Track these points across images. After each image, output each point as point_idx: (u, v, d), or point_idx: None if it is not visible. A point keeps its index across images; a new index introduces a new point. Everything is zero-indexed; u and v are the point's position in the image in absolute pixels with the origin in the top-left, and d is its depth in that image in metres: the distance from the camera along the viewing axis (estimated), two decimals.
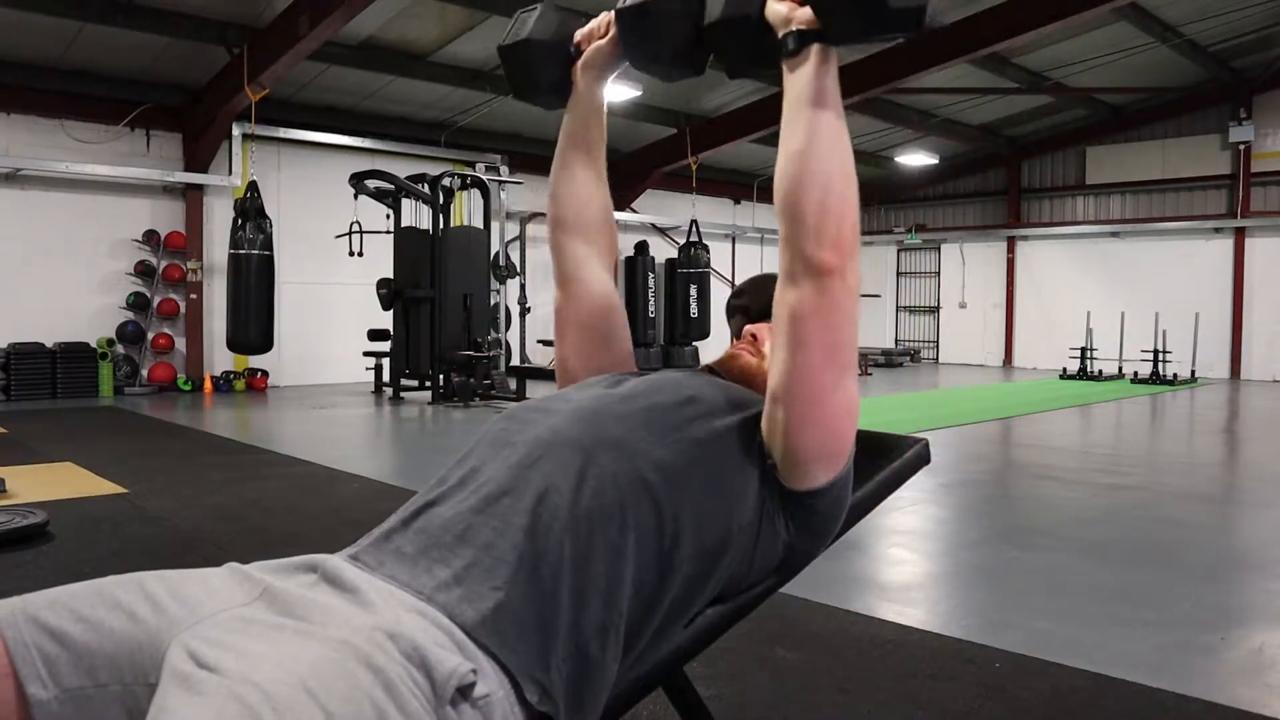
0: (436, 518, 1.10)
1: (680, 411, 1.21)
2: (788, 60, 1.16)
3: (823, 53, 1.14)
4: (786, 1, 1.17)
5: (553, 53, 1.44)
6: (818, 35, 1.14)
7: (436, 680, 0.90)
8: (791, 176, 1.13)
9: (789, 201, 1.13)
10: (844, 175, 1.13)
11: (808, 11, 1.15)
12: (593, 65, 1.45)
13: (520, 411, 1.26)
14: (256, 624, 0.96)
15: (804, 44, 1.14)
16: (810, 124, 1.13)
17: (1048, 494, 5.24)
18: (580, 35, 1.46)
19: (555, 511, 1.06)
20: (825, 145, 1.12)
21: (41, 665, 0.95)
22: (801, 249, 1.12)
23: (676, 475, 1.13)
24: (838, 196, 1.12)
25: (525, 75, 1.46)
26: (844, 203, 1.12)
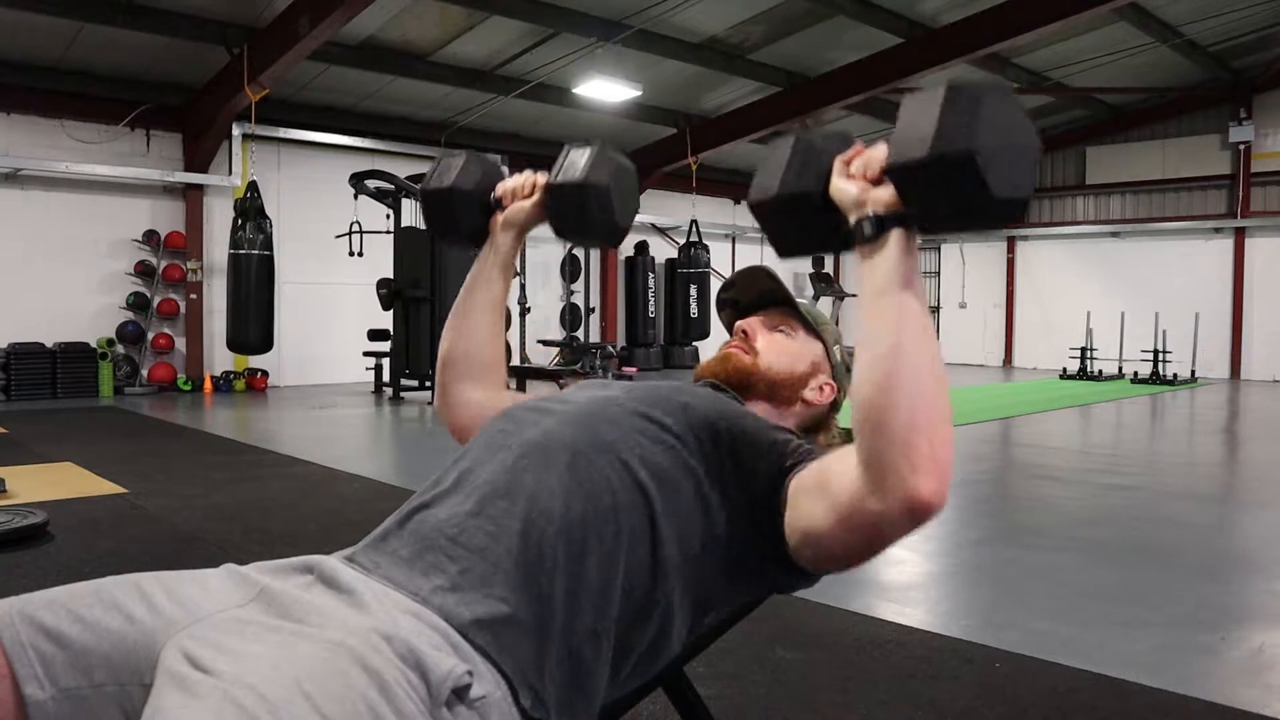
0: (431, 520, 1.10)
1: (676, 419, 1.19)
2: (863, 246, 1.00)
3: (905, 239, 0.98)
4: (858, 181, 1.02)
5: (474, 202, 1.49)
6: (900, 220, 0.98)
7: (432, 682, 0.90)
8: (876, 383, 0.96)
9: (873, 411, 0.96)
10: (936, 381, 0.97)
11: (887, 193, 0.99)
12: (513, 223, 1.47)
13: (515, 412, 1.26)
14: (252, 625, 0.96)
15: (883, 230, 0.99)
16: (896, 322, 0.97)
17: (1048, 494, 5.24)
18: (502, 190, 1.49)
19: (549, 515, 1.06)
20: (913, 346, 0.96)
21: (38, 665, 0.95)
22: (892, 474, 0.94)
23: (669, 481, 1.12)
24: (928, 407, 0.95)
25: (445, 220, 1.51)
26: (937, 415, 0.96)
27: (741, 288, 1.52)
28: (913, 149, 0.93)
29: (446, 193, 1.48)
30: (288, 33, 8.91)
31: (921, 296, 0.99)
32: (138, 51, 9.87)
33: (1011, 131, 0.92)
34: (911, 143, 0.94)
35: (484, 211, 1.50)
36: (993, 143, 0.90)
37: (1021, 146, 0.93)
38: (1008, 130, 0.92)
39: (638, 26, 10.28)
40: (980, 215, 0.93)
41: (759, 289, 1.51)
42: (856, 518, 1.00)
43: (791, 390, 1.40)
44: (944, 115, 0.91)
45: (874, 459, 0.96)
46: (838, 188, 1.03)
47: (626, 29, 10.26)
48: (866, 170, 1.01)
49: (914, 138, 0.93)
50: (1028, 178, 0.93)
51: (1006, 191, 0.91)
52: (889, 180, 0.98)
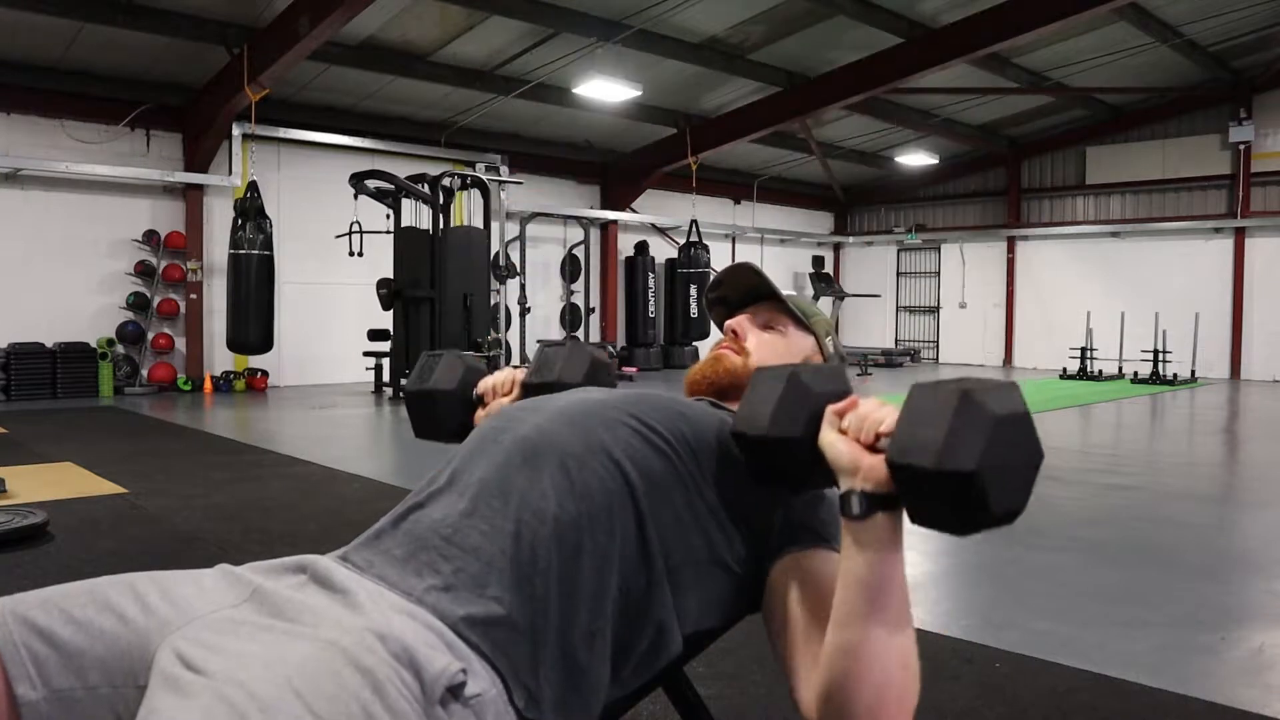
0: (425, 519, 1.10)
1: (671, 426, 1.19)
2: (848, 521, 0.98)
3: (892, 522, 0.96)
4: (850, 441, 0.99)
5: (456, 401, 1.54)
6: (891, 502, 0.95)
7: (426, 680, 0.90)
8: (840, 672, 0.97)
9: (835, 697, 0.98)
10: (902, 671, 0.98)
11: (879, 469, 0.95)
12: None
13: (510, 410, 1.26)
14: (245, 625, 0.96)
15: (872, 509, 0.96)
16: (868, 616, 0.96)
17: (1048, 494, 5.24)
18: (483, 387, 1.54)
19: (541, 515, 1.05)
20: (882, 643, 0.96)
21: (31, 665, 0.95)
22: None
23: (661, 484, 1.12)
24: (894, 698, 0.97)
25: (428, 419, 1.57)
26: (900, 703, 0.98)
27: (729, 285, 1.52)
28: (917, 453, 0.91)
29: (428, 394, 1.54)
30: (288, 33, 8.91)
31: (901, 589, 0.98)
32: (138, 51, 9.87)
33: (1018, 448, 0.91)
34: (916, 446, 0.91)
35: (466, 409, 1.55)
36: (998, 462, 0.89)
37: (1025, 463, 0.92)
38: (1014, 448, 0.91)
39: (638, 26, 10.28)
40: (973, 526, 0.92)
41: (746, 285, 1.50)
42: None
43: None
44: (953, 427, 0.89)
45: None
46: (828, 441, 1.01)
47: (626, 29, 10.26)
48: (861, 433, 0.99)
49: (919, 442, 0.91)
50: (1026, 492, 0.93)
51: (1004, 508, 0.90)
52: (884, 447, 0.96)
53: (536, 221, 13.92)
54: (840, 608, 1.00)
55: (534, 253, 14.03)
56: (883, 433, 0.97)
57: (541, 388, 1.43)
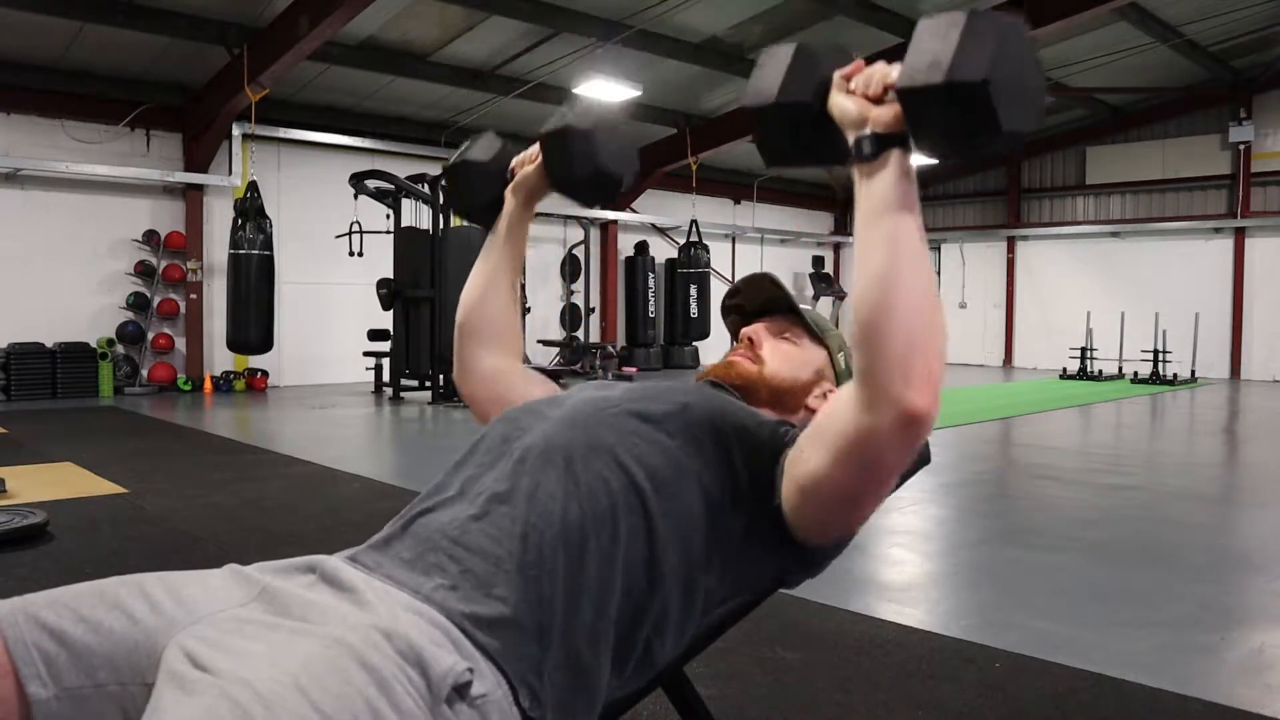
0: (434, 523, 1.11)
1: (673, 420, 1.20)
2: (860, 165, 1.00)
3: (903, 159, 0.99)
4: (858, 97, 1.01)
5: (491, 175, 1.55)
6: (900, 140, 0.99)
7: (432, 679, 0.90)
8: (873, 303, 0.98)
9: (871, 331, 0.98)
10: (931, 301, 0.99)
11: (887, 113, 0.98)
12: (520, 188, 1.51)
13: (515, 415, 1.27)
14: (252, 624, 0.97)
15: (883, 149, 0.99)
16: (893, 242, 0.98)
17: (1048, 494, 5.24)
18: (515, 161, 1.54)
19: (548, 518, 1.06)
20: (910, 267, 0.97)
21: (41, 664, 0.96)
22: (888, 389, 0.96)
23: (666, 483, 1.13)
24: (925, 326, 0.97)
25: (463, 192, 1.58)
26: (932, 333, 0.98)
27: (747, 294, 1.53)
28: (927, 73, 0.93)
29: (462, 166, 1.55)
30: (288, 33, 8.91)
31: (918, 219, 1.00)
32: (138, 51, 9.87)
33: (1025, 66, 0.94)
34: (926, 66, 0.94)
35: (500, 184, 1.55)
36: (1007, 75, 0.91)
37: (1031, 84, 0.95)
38: (1021, 64, 0.93)
39: (638, 26, 10.28)
40: (984, 144, 0.94)
41: (764, 295, 1.51)
42: (853, 444, 1.02)
43: (795, 398, 1.40)
44: (964, 41, 0.92)
45: (870, 376, 0.98)
46: (837, 103, 1.03)
47: (626, 29, 10.26)
48: (868, 88, 1.01)
49: (929, 61, 0.94)
50: (1034, 114, 0.95)
51: (1013, 125, 0.92)
52: (891, 100, 0.98)
53: (536, 221, 13.74)
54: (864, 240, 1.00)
55: (534, 253, 14.03)
56: (889, 84, 0.99)
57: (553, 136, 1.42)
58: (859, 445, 1.01)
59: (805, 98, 1.05)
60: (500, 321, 1.53)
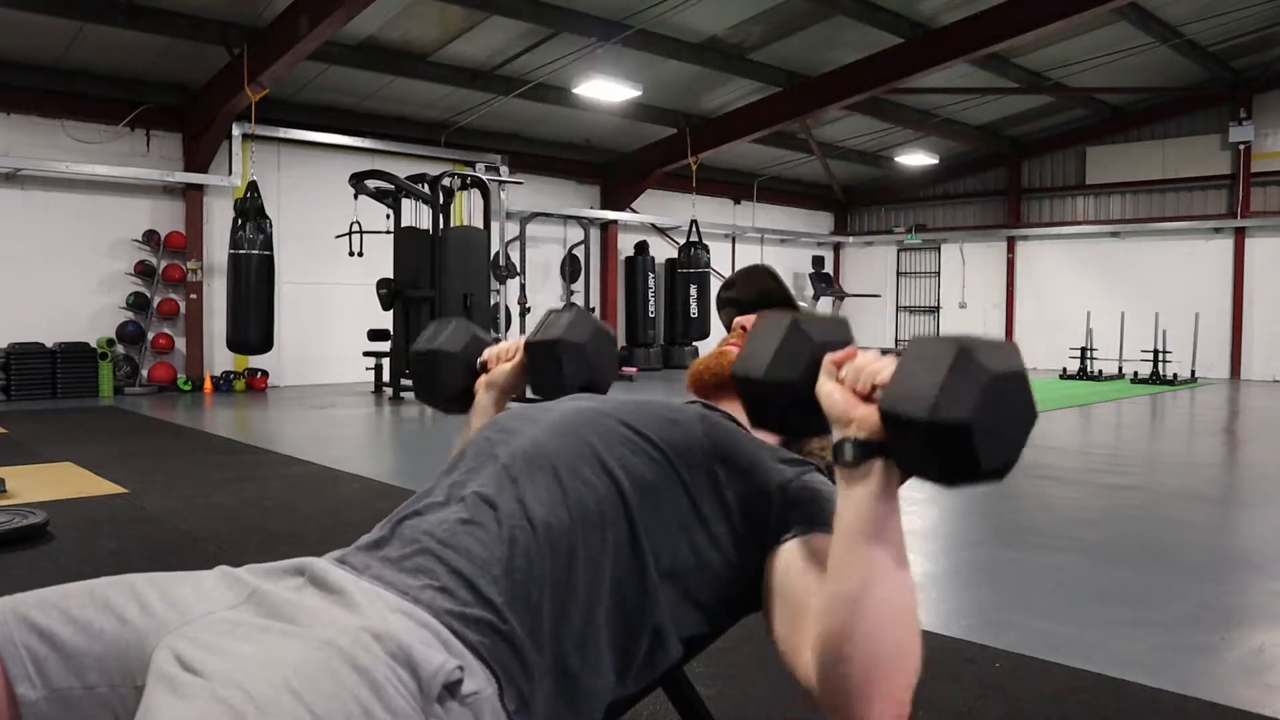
0: (422, 525, 1.11)
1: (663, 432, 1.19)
2: (842, 470, 0.98)
3: (886, 472, 0.95)
4: (846, 390, 0.99)
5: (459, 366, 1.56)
6: (884, 450, 0.95)
7: (423, 678, 0.90)
8: (838, 623, 0.95)
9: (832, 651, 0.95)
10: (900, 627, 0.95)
11: (873, 416, 0.95)
12: (495, 386, 1.52)
13: (505, 420, 1.27)
14: (243, 626, 0.97)
15: (865, 457, 0.95)
16: (865, 564, 0.95)
17: (1048, 494, 5.24)
18: (488, 354, 1.55)
19: (535, 522, 1.06)
20: (880, 590, 0.94)
21: (30, 665, 0.95)
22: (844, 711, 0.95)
23: (654, 492, 1.13)
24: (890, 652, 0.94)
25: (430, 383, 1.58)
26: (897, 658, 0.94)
27: (742, 287, 1.53)
28: (910, 404, 0.91)
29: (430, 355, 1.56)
30: (288, 33, 8.91)
31: (897, 539, 0.97)
32: (138, 51, 9.87)
33: (1011, 406, 0.91)
34: (909, 396, 0.91)
35: (468, 376, 1.56)
36: (991, 418, 0.88)
37: (1019, 419, 0.92)
38: (1009, 404, 0.91)
39: (638, 26, 10.28)
40: (963, 479, 0.91)
41: (759, 288, 1.51)
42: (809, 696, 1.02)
43: None
44: (948, 380, 0.89)
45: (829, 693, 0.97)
46: (824, 390, 1.01)
47: (626, 29, 10.26)
48: (857, 383, 0.99)
49: (913, 393, 0.91)
50: (1019, 447, 0.92)
51: (995, 463, 0.90)
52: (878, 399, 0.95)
53: (536, 221, 13.91)
54: (836, 557, 0.98)
55: (534, 253, 14.03)
56: (878, 384, 0.97)
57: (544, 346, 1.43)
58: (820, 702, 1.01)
59: (793, 378, 1.04)
60: None
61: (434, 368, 1.56)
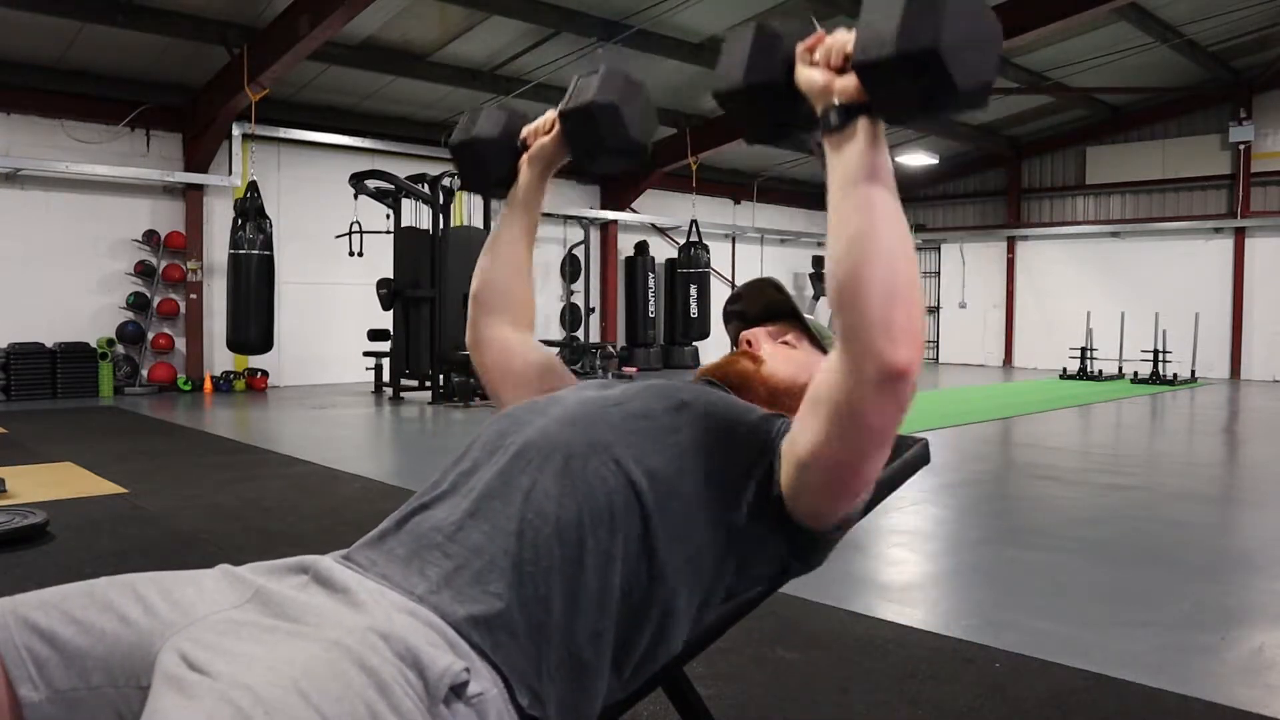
0: (429, 519, 1.10)
1: (673, 418, 1.20)
2: (830, 136, 1.01)
3: (871, 127, 0.99)
4: (822, 68, 1.02)
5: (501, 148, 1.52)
6: (865, 109, 0.98)
7: (429, 679, 0.90)
8: (850, 265, 0.99)
9: (850, 292, 0.98)
10: (907, 258, 0.99)
11: (851, 81, 0.98)
12: (538, 160, 1.49)
13: (514, 412, 1.26)
14: (248, 626, 0.96)
15: (849, 119, 0.99)
16: (866, 205, 0.99)
17: (1048, 494, 5.24)
18: (526, 131, 1.52)
19: (544, 516, 1.06)
20: (885, 227, 0.98)
21: (32, 666, 0.95)
22: (871, 346, 0.97)
23: (665, 482, 1.13)
24: (905, 282, 0.98)
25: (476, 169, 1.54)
26: (911, 289, 0.98)
27: (749, 300, 1.53)
28: (876, 45, 0.93)
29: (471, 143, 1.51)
30: (288, 33, 8.91)
31: (890, 184, 1.00)
32: (138, 51, 9.87)
33: (974, 19, 0.92)
34: (875, 38, 0.93)
35: (512, 156, 1.52)
36: (957, 35, 0.90)
37: (984, 35, 0.93)
38: (970, 18, 0.91)
39: (638, 26, 10.28)
40: (945, 107, 0.93)
41: (766, 300, 1.52)
42: (841, 408, 1.02)
43: (793, 399, 1.40)
44: (907, 9, 0.90)
45: (853, 335, 0.99)
46: (803, 76, 1.04)
47: (626, 29, 10.26)
48: (830, 58, 1.02)
49: (877, 33, 0.93)
50: (991, 65, 0.94)
51: (971, 83, 0.91)
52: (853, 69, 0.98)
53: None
54: (838, 211, 1.01)
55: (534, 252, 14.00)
56: (849, 53, 0.99)
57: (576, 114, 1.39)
58: (847, 408, 1.01)
59: (772, 76, 1.05)
60: (514, 292, 1.53)
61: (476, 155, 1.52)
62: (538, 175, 1.50)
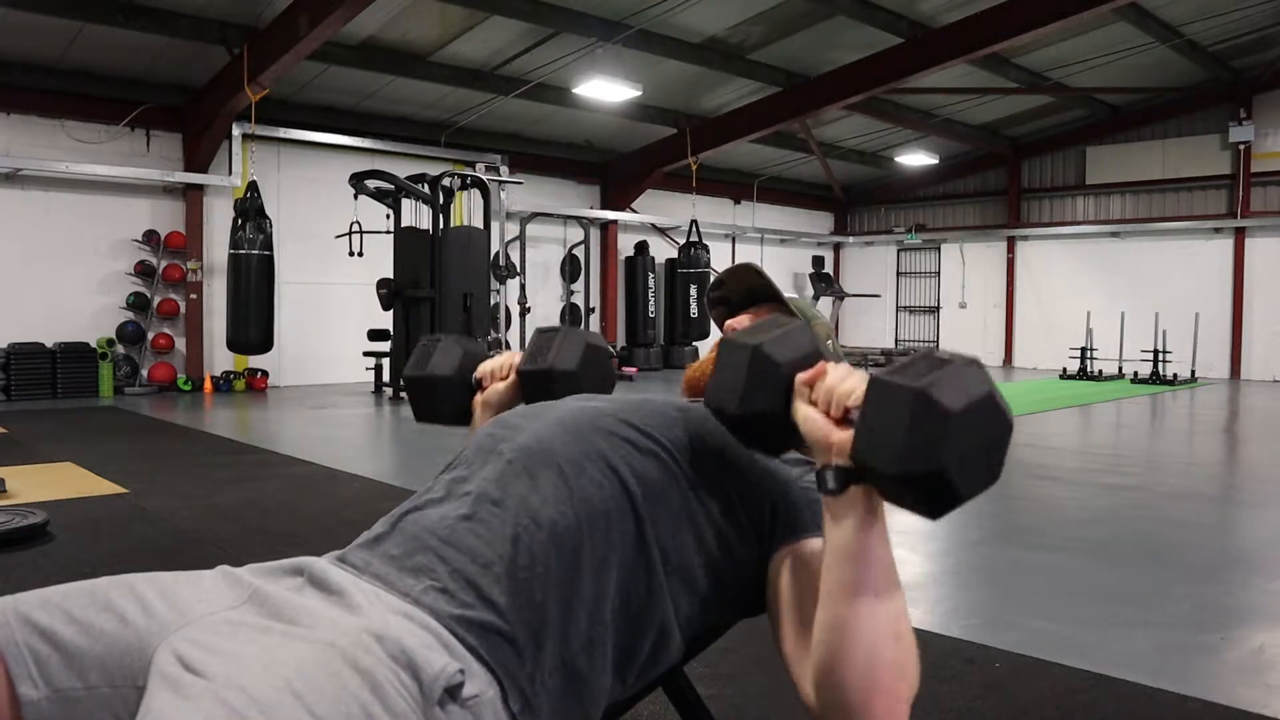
0: (423, 521, 1.10)
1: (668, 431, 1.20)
2: (826, 497, 0.99)
3: (868, 496, 0.96)
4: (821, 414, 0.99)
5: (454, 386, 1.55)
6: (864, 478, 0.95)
7: (424, 681, 0.90)
8: (831, 649, 0.97)
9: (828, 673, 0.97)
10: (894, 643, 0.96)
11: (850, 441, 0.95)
12: (490, 404, 1.52)
13: (509, 417, 1.26)
14: (244, 627, 0.96)
15: (846, 484, 0.96)
16: (851, 589, 0.96)
17: (1048, 494, 5.24)
18: (482, 371, 1.55)
19: (540, 521, 1.06)
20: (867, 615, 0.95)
21: (33, 665, 0.95)
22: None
23: (660, 491, 1.13)
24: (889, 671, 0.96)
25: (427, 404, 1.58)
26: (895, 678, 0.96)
27: (730, 286, 1.54)
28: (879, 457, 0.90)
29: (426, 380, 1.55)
30: (288, 33, 8.90)
31: (881, 564, 0.98)
32: (138, 51, 9.87)
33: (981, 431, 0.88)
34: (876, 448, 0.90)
35: (465, 393, 1.55)
36: (962, 454, 0.87)
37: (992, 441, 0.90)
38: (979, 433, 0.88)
39: (638, 26, 10.28)
40: (944, 510, 0.91)
41: (747, 285, 1.52)
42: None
43: None
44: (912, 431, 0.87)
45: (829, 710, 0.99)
46: (801, 414, 1.02)
47: (626, 29, 10.26)
48: (831, 406, 0.99)
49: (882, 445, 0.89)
50: (998, 465, 0.91)
51: (975, 490, 0.89)
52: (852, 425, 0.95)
53: (536, 221, 13.91)
54: (826, 583, 1.00)
55: (534, 253, 14.02)
56: (850, 405, 0.97)
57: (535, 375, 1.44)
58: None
59: (767, 408, 1.04)
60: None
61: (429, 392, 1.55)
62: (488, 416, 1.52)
